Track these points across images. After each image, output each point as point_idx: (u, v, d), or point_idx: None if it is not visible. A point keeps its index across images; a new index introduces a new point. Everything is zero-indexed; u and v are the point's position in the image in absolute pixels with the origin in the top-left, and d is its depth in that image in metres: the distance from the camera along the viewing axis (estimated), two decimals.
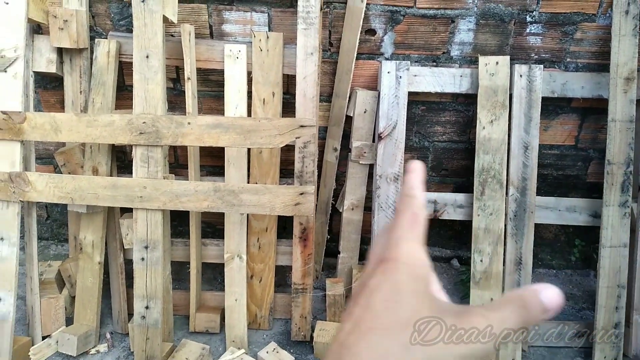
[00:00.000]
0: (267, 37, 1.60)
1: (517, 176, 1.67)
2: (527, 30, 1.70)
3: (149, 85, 1.49)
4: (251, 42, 1.61)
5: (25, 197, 1.52)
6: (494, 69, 1.64)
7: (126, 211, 1.73)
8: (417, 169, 0.41)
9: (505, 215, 1.68)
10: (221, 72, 1.65)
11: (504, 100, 1.64)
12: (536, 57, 1.74)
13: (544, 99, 1.67)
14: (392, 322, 0.32)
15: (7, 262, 1.54)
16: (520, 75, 1.64)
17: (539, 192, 1.70)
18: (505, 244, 1.69)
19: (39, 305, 1.66)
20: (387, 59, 1.74)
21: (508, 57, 1.64)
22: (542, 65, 1.64)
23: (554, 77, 1.68)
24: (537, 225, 1.70)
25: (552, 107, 1.81)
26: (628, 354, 1.68)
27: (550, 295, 0.33)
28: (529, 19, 1.68)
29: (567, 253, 2.09)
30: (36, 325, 1.66)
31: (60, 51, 1.66)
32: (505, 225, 1.68)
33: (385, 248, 0.37)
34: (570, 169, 1.92)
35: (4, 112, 1.50)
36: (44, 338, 1.67)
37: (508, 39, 1.71)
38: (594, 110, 1.81)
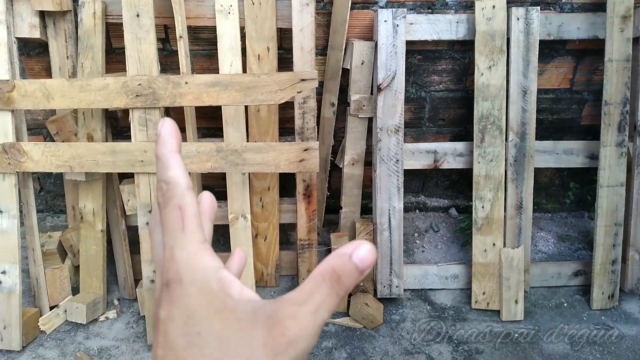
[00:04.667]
0: None
1: (516, 121, 1.67)
2: None
3: (142, 45, 1.44)
4: None
5: (22, 168, 1.48)
6: (490, 13, 1.62)
7: (124, 178, 1.70)
8: (168, 133, 0.33)
9: (505, 161, 1.69)
10: (212, 29, 1.60)
11: (502, 45, 1.63)
12: None
13: (539, 43, 1.65)
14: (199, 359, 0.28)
15: (8, 235, 1.52)
16: (518, 19, 1.62)
17: (536, 137, 1.71)
18: (505, 190, 1.71)
19: (43, 276, 1.65)
20: (381, 7, 1.70)
21: (505, 0, 1.61)
22: (538, 7, 1.63)
23: (549, 19, 1.67)
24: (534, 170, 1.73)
25: (548, 50, 1.80)
26: (624, 289, 1.74)
27: (362, 255, 0.29)
28: None
29: (561, 196, 2.13)
30: (43, 296, 1.66)
31: (42, 15, 1.58)
32: (505, 171, 1.70)
33: (163, 264, 0.31)
34: (565, 113, 1.94)
35: None
36: (51, 308, 1.67)
37: None
38: (589, 52, 1.81)
